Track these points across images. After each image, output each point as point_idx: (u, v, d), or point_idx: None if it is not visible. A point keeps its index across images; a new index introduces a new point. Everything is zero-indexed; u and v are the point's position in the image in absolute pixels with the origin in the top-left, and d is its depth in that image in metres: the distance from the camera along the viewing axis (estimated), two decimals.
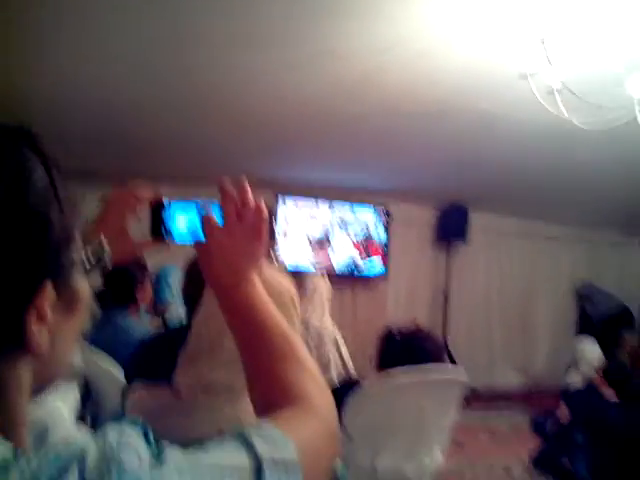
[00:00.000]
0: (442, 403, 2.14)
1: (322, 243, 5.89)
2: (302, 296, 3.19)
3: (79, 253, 0.52)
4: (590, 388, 4.08)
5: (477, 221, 6.46)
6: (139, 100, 3.39)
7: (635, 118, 2.43)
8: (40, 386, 0.51)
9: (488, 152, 4.32)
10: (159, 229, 0.86)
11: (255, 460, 0.50)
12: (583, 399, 4.08)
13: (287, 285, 0.99)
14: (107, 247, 0.58)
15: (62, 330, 0.51)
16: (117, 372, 2.08)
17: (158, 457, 0.45)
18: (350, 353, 3.37)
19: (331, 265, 5.88)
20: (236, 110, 3.49)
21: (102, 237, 0.57)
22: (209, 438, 0.83)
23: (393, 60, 2.71)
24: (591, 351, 4.81)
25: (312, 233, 5.86)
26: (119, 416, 0.99)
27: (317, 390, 0.69)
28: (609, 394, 3.63)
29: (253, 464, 0.50)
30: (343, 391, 2.85)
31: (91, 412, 2.00)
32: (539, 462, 4.03)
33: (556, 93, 2.45)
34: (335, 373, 2.99)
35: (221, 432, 0.83)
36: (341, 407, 2.09)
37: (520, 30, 2.43)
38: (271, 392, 0.69)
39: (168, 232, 0.86)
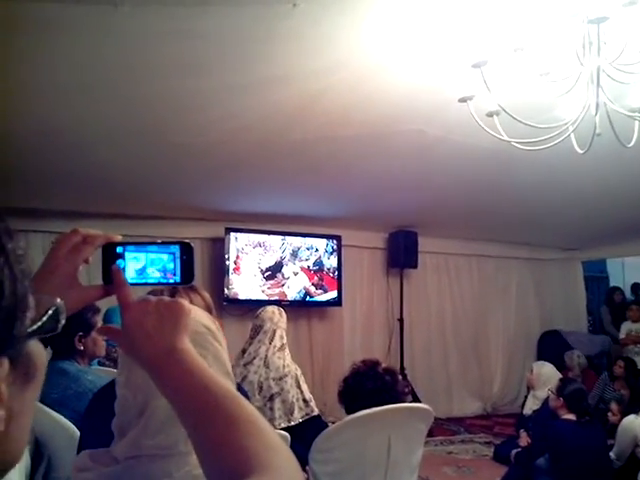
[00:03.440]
0: (410, 440, 2.09)
1: (275, 274, 5.84)
2: (259, 331, 3.16)
3: (34, 319, 0.46)
4: (546, 411, 4.14)
5: (426, 245, 6.55)
6: (80, 135, 3.28)
7: (569, 139, 2.52)
8: None
9: (432, 176, 4.40)
10: (111, 274, 0.80)
11: None
12: (540, 423, 4.12)
13: (200, 315, 0.94)
14: (64, 309, 0.53)
15: (19, 404, 0.45)
16: (71, 427, 1.95)
17: None
18: (309, 383, 3.31)
19: (285, 295, 5.82)
20: (179, 140, 3.42)
21: (59, 301, 0.52)
22: None
23: (334, 84, 2.73)
24: (549, 375, 4.86)
25: (264, 264, 5.81)
26: None
27: (276, 450, 0.64)
28: (568, 416, 3.68)
29: None
30: (306, 428, 2.80)
31: (44, 473, 1.86)
32: None
33: (495, 116, 2.53)
34: (299, 414, 2.93)
35: None
36: (304, 444, 2.02)
37: (457, 55, 2.50)
38: (228, 463, 0.63)
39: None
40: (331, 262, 6.11)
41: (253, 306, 4.82)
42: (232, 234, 5.66)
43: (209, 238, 5.74)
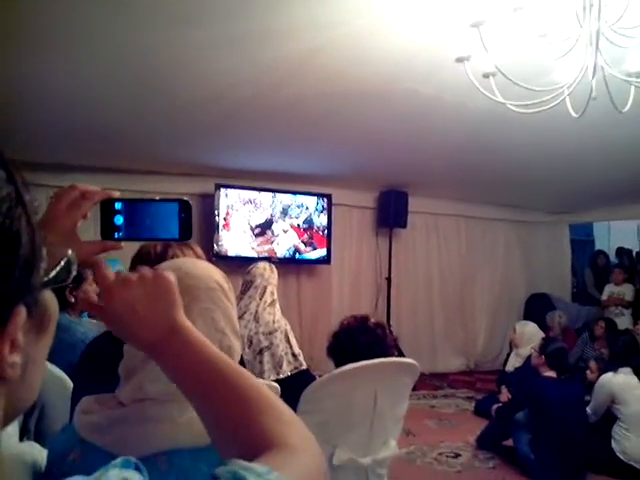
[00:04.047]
0: (396, 393, 2.16)
1: (265, 231, 5.85)
2: (250, 287, 3.19)
3: (47, 270, 0.47)
4: (527, 368, 4.27)
5: (416, 205, 6.59)
6: (74, 89, 3.23)
7: (564, 102, 2.52)
8: (11, 413, 0.47)
9: (425, 136, 4.39)
10: (109, 230, 0.81)
11: None
12: (521, 379, 4.26)
13: (213, 272, 0.95)
14: (75, 260, 0.54)
15: (33, 352, 0.47)
16: (63, 377, 1.98)
17: None
18: (296, 339, 3.37)
19: (274, 252, 5.86)
20: (173, 94, 3.38)
21: (70, 252, 0.53)
22: (166, 449, 0.81)
23: (331, 40, 2.69)
24: (532, 333, 4.99)
25: (254, 221, 5.82)
26: (67, 427, 0.93)
27: (290, 425, 0.64)
28: (549, 373, 3.80)
29: None
30: (295, 381, 2.87)
31: (36, 422, 1.90)
32: (484, 443, 4.17)
33: (491, 77, 2.51)
34: (288, 368, 3.00)
35: (176, 442, 0.80)
36: (293, 397, 2.09)
37: (457, 14, 2.47)
38: (244, 441, 0.62)
39: (119, 232, 0.81)
40: (321, 220, 6.14)
41: (242, 262, 4.85)
42: (222, 190, 5.64)
43: (199, 194, 5.72)
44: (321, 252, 6.15)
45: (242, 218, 5.77)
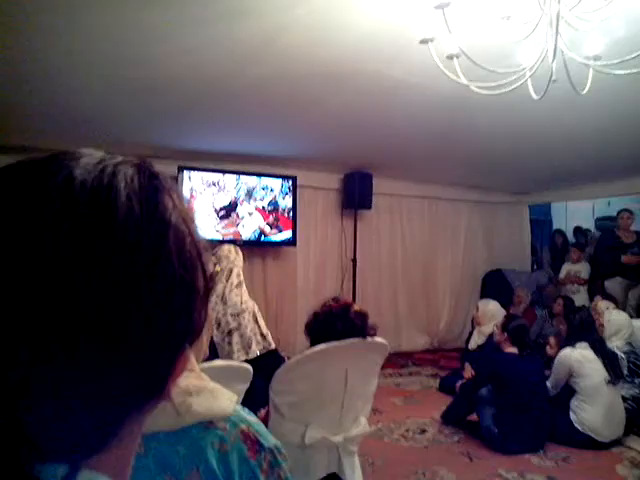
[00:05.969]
0: (366, 372, 2.19)
1: (229, 213, 5.81)
2: (217, 269, 3.18)
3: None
4: (490, 345, 4.39)
5: (381, 187, 6.63)
6: (35, 67, 3.12)
7: (526, 85, 2.56)
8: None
9: (390, 118, 4.40)
10: None
11: None
12: (484, 356, 4.38)
13: None
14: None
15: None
16: None
17: None
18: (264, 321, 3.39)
19: (239, 235, 5.83)
20: (134, 74, 3.30)
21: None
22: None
23: (295, 19, 2.66)
24: (494, 311, 5.11)
25: (219, 204, 5.76)
26: None
27: None
28: (510, 350, 3.91)
29: None
30: (264, 361, 2.89)
31: None
32: (449, 418, 4.28)
33: (455, 59, 2.53)
34: (257, 348, 3.01)
35: (151, 426, 0.79)
36: (263, 377, 2.10)
37: None
38: None
39: None
40: (286, 202, 6.12)
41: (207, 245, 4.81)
42: (185, 173, 5.56)
43: None
44: (286, 234, 6.15)
45: (206, 201, 5.71)
